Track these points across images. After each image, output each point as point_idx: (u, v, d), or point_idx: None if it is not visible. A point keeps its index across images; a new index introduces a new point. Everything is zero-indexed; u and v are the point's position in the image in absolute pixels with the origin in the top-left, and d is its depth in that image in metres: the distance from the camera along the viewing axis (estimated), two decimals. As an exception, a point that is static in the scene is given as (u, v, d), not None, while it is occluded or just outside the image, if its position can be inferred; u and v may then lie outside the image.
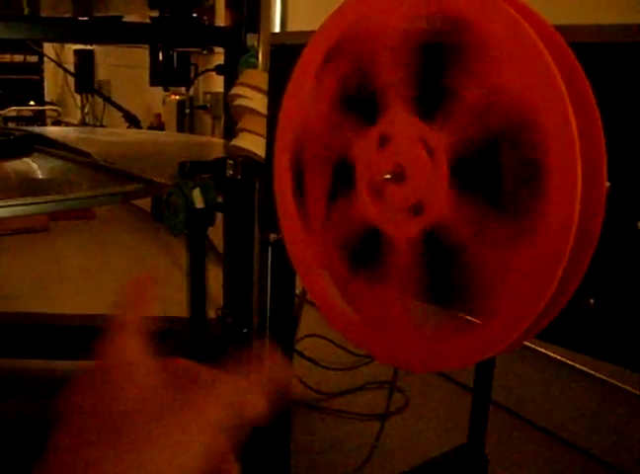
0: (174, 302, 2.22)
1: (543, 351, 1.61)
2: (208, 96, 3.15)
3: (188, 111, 3.31)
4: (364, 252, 0.57)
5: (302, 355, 1.80)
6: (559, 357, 1.59)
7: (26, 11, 2.08)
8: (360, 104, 0.57)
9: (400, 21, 0.52)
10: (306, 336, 1.86)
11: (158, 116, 3.64)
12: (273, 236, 0.84)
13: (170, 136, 2.61)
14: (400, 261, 0.54)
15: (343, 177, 0.58)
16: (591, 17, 0.52)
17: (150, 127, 3.66)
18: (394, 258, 0.54)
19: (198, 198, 0.91)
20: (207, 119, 3.21)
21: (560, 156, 0.44)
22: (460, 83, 0.49)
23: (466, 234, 0.49)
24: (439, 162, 0.50)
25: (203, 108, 3.18)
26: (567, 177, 0.44)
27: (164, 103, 3.46)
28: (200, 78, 3.09)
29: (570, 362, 1.57)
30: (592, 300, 0.53)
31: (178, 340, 1.66)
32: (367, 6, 0.55)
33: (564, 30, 0.47)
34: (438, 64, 0.51)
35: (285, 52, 0.80)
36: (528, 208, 0.46)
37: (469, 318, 0.51)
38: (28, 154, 1.50)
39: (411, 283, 0.53)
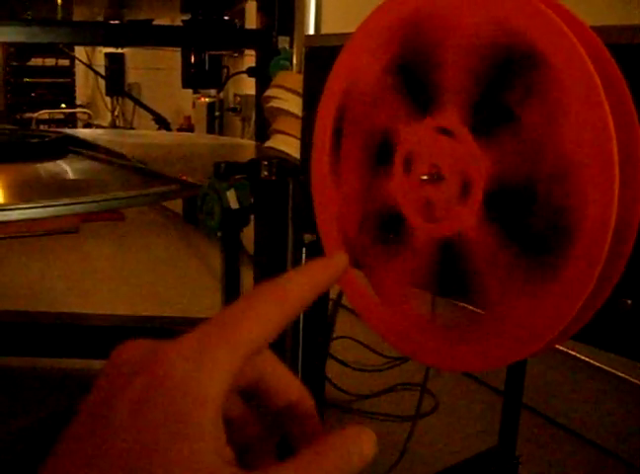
0: (205, 304, 2.24)
1: (574, 354, 1.60)
2: (238, 98, 3.16)
3: (218, 113, 3.33)
4: (383, 228, 0.59)
5: (333, 357, 1.80)
6: (590, 361, 1.58)
7: (59, 16, 2.10)
8: (415, 85, 0.55)
9: (477, 21, 0.50)
10: (337, 338, 1.87)
11: (188, 118, 3.67)
12: (307, 237, 0.84)
13: (201, 138, 2.62)
14: (414, 251, 0.55)
15: (381, 151, 0.58)
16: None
17: (180, 130, 3.69)
18: (409, 246, 0.56)
19: (232, 199, 0.92)
20: (237, 122, 3.22)
21: (597, 210, 0.44)
22: (522, 110, 0.48)
23: (483, 256, 0.51)
24: (474, 184, 0.51)
25: (233, 110, 3.20)
26: (599, 230, 0.44)
27: (194, 105, 3.48)
28: (230, 80, 3.11)
29: (601, 366, 1.56)
30: (629, 301, 0.52)
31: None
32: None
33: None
34: (503, 81, 0.50)
35: (320, 54, 0.80)
36: (553, 250, 0.47)
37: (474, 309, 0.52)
38: (63, 156, 1.52)
39: (419, 274, 0.54)
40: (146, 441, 0.27)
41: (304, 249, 0.89)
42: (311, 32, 1.04)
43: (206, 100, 3.34)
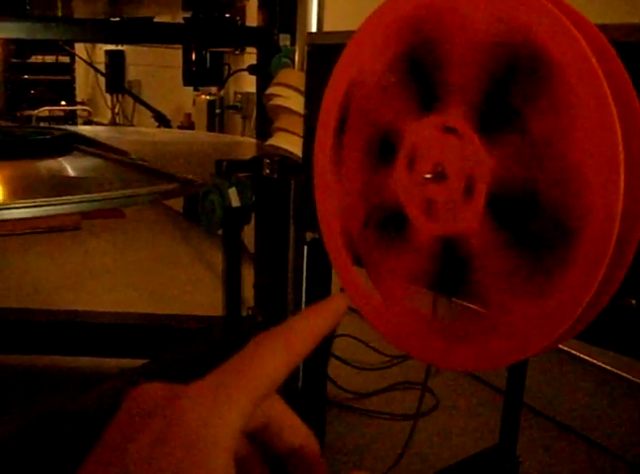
0: (205, 302, 2.24)
1: (576, 353, 1.60)
2: (239, 96, 3.16)
3: (218, 111, 3.32)
4: (385, 225, 0.58)
5: (334, 356, 1.80)
6: (590, 360, 1.58)
7: (59, 13, 2.10)
8: (421, 81, 0.55)
9: (484, 21, 0.49)
10: (337, 336, 1.87)
11: (188, 115, 3.67)
12: (309, 235, 0.84)
13: (201, 136, 2.62)
14: (416, 249, 0.55)
15: (385, 146, 0.58)
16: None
17: (180, 127, 3.68)
18: (411, 244, 0.55)
19: (234, 197, 0.92)
20: (238, 119, 3.22)
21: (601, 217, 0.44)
22: (528, 112, 0.48)
23: (485, 257, 0.51)
24: (478, 185, 0.50)
25: (234, 108, 3.19)
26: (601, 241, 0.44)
27: (194, 103, 3.48)
28: (231, 78, 3.11)
29: (603, 365, 1.56)
30: (633, 301, 0.52)
31: (211, 338, 1.67)
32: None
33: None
34: (509, 81, 0.49)
35: (323, 52, 0.80)
36: (556, 252, 0.47)
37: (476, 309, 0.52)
38: (68, 153, 1.52)
39: (420, 272, 0.54)
40: None
41: (306, 247, 0.89)
42: (313, 29, 1.05)
43: (207, 97, 3.34)
